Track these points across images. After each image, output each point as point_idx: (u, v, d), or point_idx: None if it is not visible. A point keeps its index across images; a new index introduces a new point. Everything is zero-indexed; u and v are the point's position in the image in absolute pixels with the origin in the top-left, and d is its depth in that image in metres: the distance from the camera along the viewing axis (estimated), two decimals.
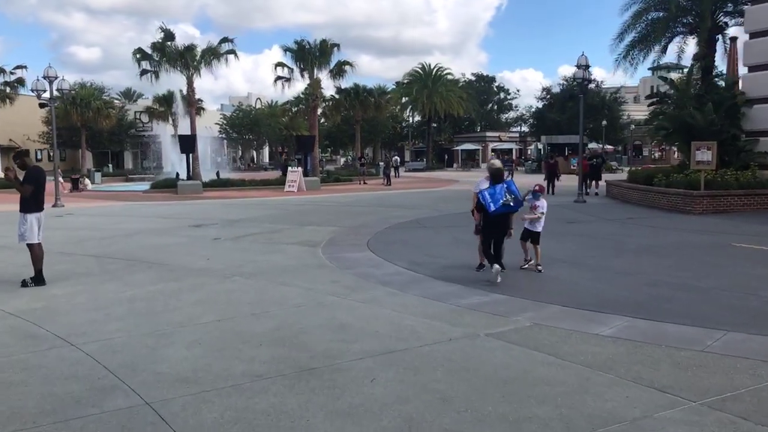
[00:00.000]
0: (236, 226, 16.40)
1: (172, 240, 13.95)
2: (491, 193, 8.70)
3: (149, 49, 32.30)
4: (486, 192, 8.75)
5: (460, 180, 41.33)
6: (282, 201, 25.25)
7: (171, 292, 8.36)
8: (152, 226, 16.87)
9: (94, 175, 46.33)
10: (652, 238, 13.00)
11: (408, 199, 24.98)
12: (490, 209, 8.70)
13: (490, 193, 8.70)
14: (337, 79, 37.87)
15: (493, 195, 8.68)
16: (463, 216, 18.93)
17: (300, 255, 11.54)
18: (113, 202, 26.46)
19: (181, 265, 10.59)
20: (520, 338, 6.08)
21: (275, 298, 7.93)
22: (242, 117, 67.18)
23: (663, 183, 19.79)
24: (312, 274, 9.55)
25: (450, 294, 8.04)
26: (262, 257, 11.35)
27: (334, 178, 39.37)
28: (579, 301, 7.58)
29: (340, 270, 9.92)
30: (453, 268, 9.97)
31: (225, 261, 10.99)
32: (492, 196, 8.66)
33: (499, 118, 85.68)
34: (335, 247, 12.38)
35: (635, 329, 6.39)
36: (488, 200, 8.66)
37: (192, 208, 22.75)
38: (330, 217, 18.30)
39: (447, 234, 14.28)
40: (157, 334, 6.38)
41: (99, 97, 51.10)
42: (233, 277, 9.46)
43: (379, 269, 9.95)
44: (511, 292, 8.06)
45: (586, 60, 21.67)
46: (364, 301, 7.71)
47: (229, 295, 8.19)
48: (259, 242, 13.45)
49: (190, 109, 33.92)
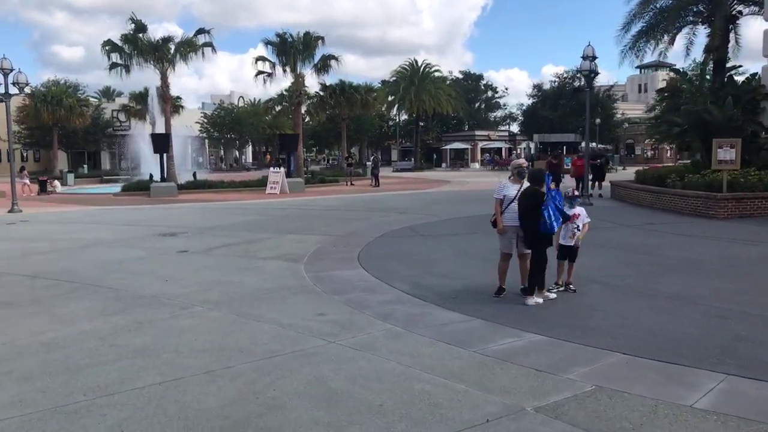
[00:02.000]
0: (209, 235, 14.47)
1: (131, 253, 12.01)
2: (555, 206, 7.17)
3: (119, 41, 30.03)
4: (551, 206, 7.10)
5: (451, 181, 39.54)
6: (263, 205, 23.29)
7: (108, 333, 6.44)
8: (114, 235, 14.89)
9: (67, 176, 44.02)
10: (690, 250, 11.23)
11: (399, 202, 23.13)
12: (552, 229, 7.14)
13: (556, 206, 7.18)
14: (321, 74, 35.82)
15: (555, 211, 7.15)
16: (463, 222, 17.24)
17: (279, 274, 9.66)
18: (79, 206, 24.32)
19: (134, 288, 8.67)
20: (585, 417, 4.25)
21: (242, 342, 6.04)
22: (224, 116, 64.81)
23: (679, 184, 18.10)
24: (292, 303, 7.67)
25: (471, 334, 6.20)
26: (233, 277, 9.46)
27: (319, 179, 37.38)
28: (641, 343, 5.78)
29: (327, 296, 8.05)
30: (466, 292, 8.14)
31: (188, 282, 9.08)
32: (555, 213, 7.14)
33: (487, 116, 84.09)
34: (321, 263, 10.50)
35: (741, 397, 4.60)
36: (552, 218, 7.10)
37: (163, 213, 20.73)
38: (315, 224, 16.41)
39: (449, 245, 12.45)
40: (65, 411, 4.47)
41: (72, 94, 48.61)
42: (194, 307, 7.55)
43: (376, 294, 8.10)
44: (549, 330, 6.23)
45: (592, 51, 19.94)
46: (360, 347, 5.84)
47: (183, 336, 6.29)
48: (234, 256, 11.55)
49: (165, 105, 31.64)
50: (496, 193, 7.87)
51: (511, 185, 7.79)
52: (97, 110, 56.29)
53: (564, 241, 8.03)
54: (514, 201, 7.69)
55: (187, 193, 28.50)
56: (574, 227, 7.97)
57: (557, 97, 56.36)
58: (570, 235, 8.00)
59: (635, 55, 23.60)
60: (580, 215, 8.03)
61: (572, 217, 7.91)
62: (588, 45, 19.98)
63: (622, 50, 23.33)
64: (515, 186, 7.76)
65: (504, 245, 7.82)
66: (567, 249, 8.03)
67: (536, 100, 59.11)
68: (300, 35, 33.82)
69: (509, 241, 7.76)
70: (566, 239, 8.02)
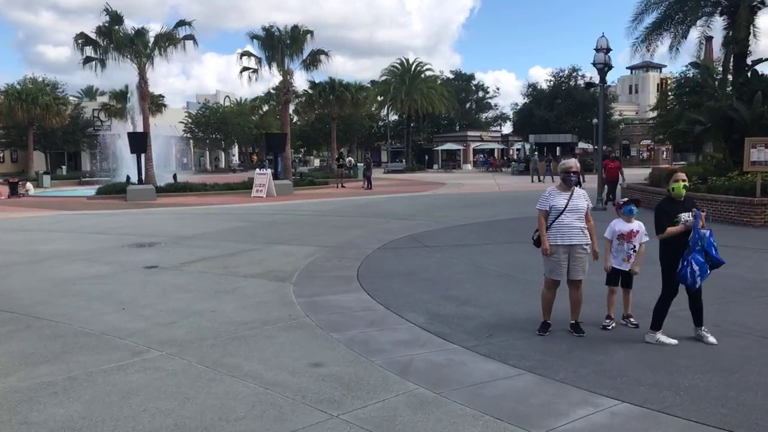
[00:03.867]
0: (185, 246, 12.71)
1: (91, 270, 10.23)
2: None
3: (93, 34, 27.97)
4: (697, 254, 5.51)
5: (446, 183, 37.90)
6: (248, 209, 21.49)
7: (22, 398, 4.67)
8: (77, 245, 13.08)
9: (42, 177, 41.92)
10: (742, 265, 9.55)
11: (396, 207, 21.42)
12: (693, 285, 5.57)
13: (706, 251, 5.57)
14: (311, 69, 33.86)
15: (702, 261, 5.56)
16: (470, 230, 15.01)
17: (264, 298, 7.93)
18: (48, 211, 22.40)
19: (80, 321, 6.91)
20: None
21: (208, 417, 4.30)
22: (209, 115, 62.65)
23: (702, 188, 16.54)
24: (279, 345, 5.95)
25: (526, 400, 4.50)
26: (207, 303, 7.72)
27: (309, 181, 35.59)
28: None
29: (324, 332, 6.33)
30: (499, 327, 6.44)
31: (150, 311, 7.34)
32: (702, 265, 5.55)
33: (478, 117, 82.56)
34: (314, 283, 8.79)
35: None
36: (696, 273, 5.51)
37: (138, 219, 18.89)
38: (306, 232, 14.68)
39: (460, 258, 10.76)
40: None
41: (49, 92, 46.41)
42: (150, 351, 5.81)
43: (385, 330, 6.39)
44: (629, 392, 4.55)
45: (606, 42, 18.35)
46: (374, 426, 4.13)
47: (126, 404, 4.54)
48: (211, 273, 9.80)
49: (143, 103, 29.58)
50: (540, 204, 6.19)
51: (559, 194, 6.12)
52: (76, 109, 54.11)
53: (617, 263, 6.38)
54: (563, 213, 6.03)
55: (167, 197, 26.61)
56: (630, 248, 6.33)
57: (553, 97, 54.88)
58: (624, 257, 6.35)
59: (647, 48, 22.10)
60: (639, 232, 6.37)
61: (628, 235, 6.31)
62: (602, 36, 18.39)
63: (634, 43, 21.85)
64: (563, 195, 6.09)
65: (550, 270, 6.15)
66: (623, 275, 6.41)
67: (531, 100, 57.55)
68: (287, 29, 31.93)
69: (557, 265, 6.09)
70: (620, 261, 6.37)
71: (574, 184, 6.13)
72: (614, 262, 6.39)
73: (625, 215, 6.41)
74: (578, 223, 6.04)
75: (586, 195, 6.21)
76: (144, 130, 28.64)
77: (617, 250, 6.35)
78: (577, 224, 6.04)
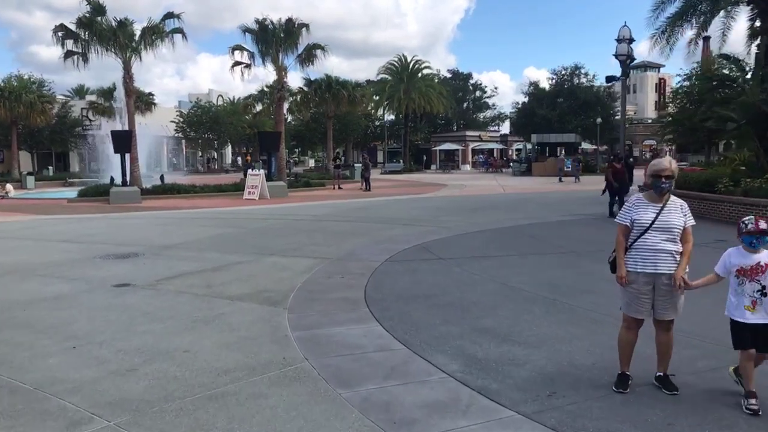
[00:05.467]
0: (165, 258, 11.14)
1: (51, 289, 8.67)
2: None
3: (74, 26, 26.25)
4: None
5: (447, 184, 36.36)
6: (239, 213, 19.90)
7: None
8: (43, 257, 11.48)
9: (26, 178, 40.18)
10: None
11: (398, 211, 19.86)
12: None
13: None
14: (306, 65, 32.13)
15: None
16: (486, 238, 13.13)
17: (251, 333, 6.36)
18: (25, 215, 20.74)
19: (11, 366, 5.35)
20: None
21: None
22: (201, 114, 60.84)
23: (738, 191, 15.07)
24: (269, 413, 4.38)
25: None
26: (181, 339, 6.16)
27: (304, 183, 33.98)
28: None
29: (330, 389, 4.77)
30: (561, 379, 4.89)
31: (107, 351, 5.78)
32: None
33: (475, 117, 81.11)
34: (314, 309, 7.23)
35: None
36: None
37: (118, 224, 17.29)
38: (302, 240, 13.13)
39: (483, 274, 9.22)
40: None
41: (34, 90, 44.58)
42: (92, 420, 4.25)
43: (410, 386, 4.83)
44: None
45: (629, 32, 16.90)
46: None
47: None
48: (189, 294, 8.24)
49: (128, 100, 27.88)
50: (621, 216, 4.65)
51: (646, 205, 4.57)
52: (63, 108, 52.27)
53: (739, 314, 4.29)
54: (649, 231, 4.49)
55: (153, 199, 24.97)
56: (755, 289, 4.25)
57: (555, 96, 53.47)
58: (749, 304, 4.25)
59: (666, 40, 20.59)
60: None
61: (752, 270, 4.25)
62: (624, 26, 16.94)
63: (654, 34, 20.24)
64: (652, 207, 4.54)
65: (627, 304, 4.63)
66: (753, 330, 4.24)
67: (532, 99, 56.09)
68: (282, 22, 30.25)
69: (636, 298, 4.55)
70: (743, 311, 4.26)
71: (666, 192, 4.57)
72: (735, 311, 4.32)
73: (747, 246, 4.30)
74: (668, 245, 4.47)
75: (685, 207, 4.61)
76: (129, 128, 26.98)
77: (736, 292, 4.32)
78: (667, 246, 4.47)
